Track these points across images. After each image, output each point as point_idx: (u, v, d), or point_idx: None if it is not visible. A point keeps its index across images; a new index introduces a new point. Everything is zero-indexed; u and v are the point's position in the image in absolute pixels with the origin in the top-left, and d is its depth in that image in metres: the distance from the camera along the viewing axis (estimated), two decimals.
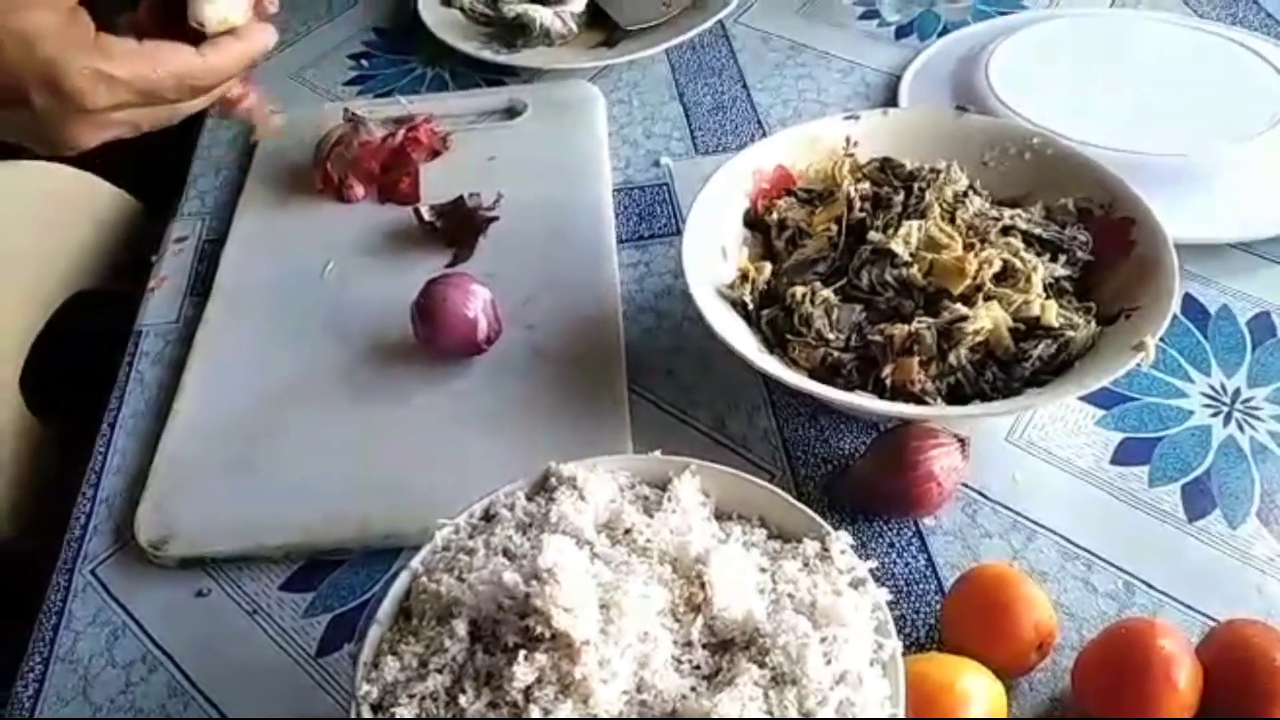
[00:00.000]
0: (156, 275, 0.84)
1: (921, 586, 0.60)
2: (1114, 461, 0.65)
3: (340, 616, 0.61)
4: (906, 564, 0.61)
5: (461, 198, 0.81)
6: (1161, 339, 0.62)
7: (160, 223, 0.90)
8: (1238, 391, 0.69)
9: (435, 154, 0.89)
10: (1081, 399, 0.68)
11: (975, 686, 0.51)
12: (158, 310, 0.81)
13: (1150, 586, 0.59)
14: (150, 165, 0.98)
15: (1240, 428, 0.67)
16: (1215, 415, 0.67)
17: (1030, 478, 0.65)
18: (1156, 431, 0.67)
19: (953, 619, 0.56)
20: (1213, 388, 0.69)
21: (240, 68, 0.59)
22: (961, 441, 0.61)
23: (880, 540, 0.62)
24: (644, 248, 0.82)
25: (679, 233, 0.79)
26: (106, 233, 0.93)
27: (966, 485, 0.64)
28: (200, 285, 0.82)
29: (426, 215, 0.82)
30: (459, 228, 0.81)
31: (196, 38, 0.57)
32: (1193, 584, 0.59)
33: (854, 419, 0.68)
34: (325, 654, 0.59)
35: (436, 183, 0.85)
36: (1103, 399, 0.68)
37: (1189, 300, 0.74)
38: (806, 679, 0.44)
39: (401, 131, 0.88)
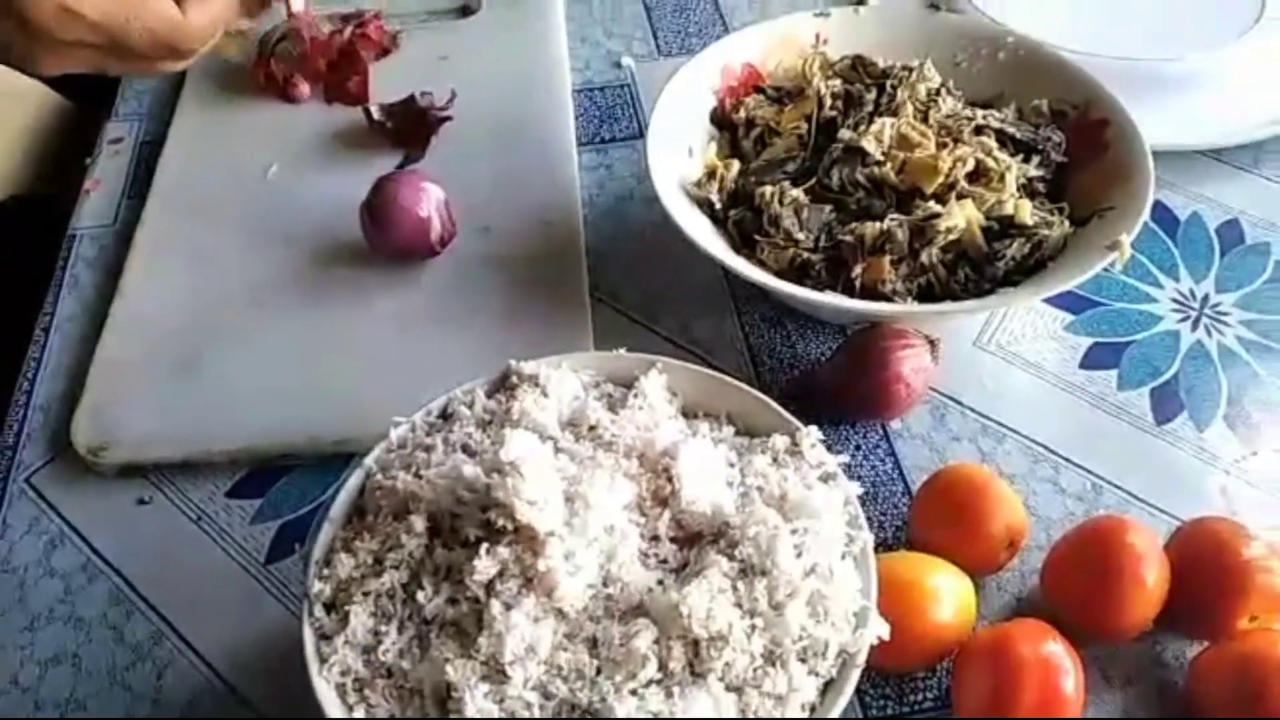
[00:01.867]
0: (91, 177, 0.80)
1: (889, 489, 0.59)
2: (1083, 366, 0.65)
3: (290, 524, 0.59)
4: (874, 467, 0.60)
5: (413, 96, 0.78)
6: (1131, 245, 0.60)
7: (93, 124, 0.85)
8: (1206, 297, 0.68)
9: (385, 52, 0.85)
10: (1051, 304, 0.67)
11: (944, 584, 0.51)
12: (93, 213, 0.77)
13: (1118, 488, 0.59)
14: None
15: (1209, 332, 0.66)
16: (1184, 320, 0.67)
17: (999, 382, 0.64)
18: (1126, 336, 0.66)
19: (922, 518, 0.55)
20: (1181, 293, 0.68)
21: (222, 28, 0.57)
22: (931, 343, 0.60)
23: (847, 444, 0.61)
24: (605, 151, 0.79)
25: (641, 136, 0.76)
26: (37, 134, 0.88)
27: (935, 390, 0.63)
28: (138, 187, 0.78)
29: (376, 114, 0.78)
30: (410, 128, 0.77)
31: None
32: (1160, 486, 0.59)
33: (821, 324, 0.67)
34: (274, 561, 0.57)
35: (387, 83, 0.81)
36: (1072, 304, 0.67)
37: (1159, 207, 0.73)
38: (777, 570, 0.42)
39: (350, 28, 0.84)
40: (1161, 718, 0.51)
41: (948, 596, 0.50)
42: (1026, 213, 0.62)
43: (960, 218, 0.61)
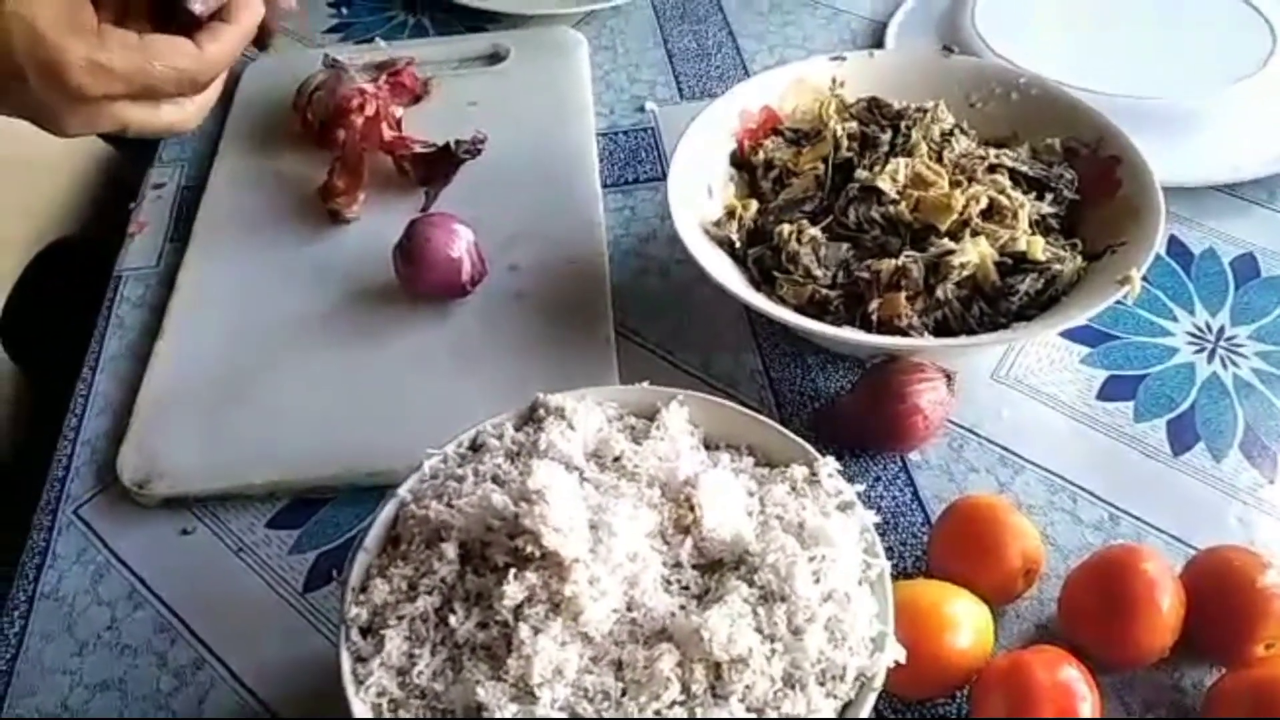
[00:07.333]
0: (136, 220, 0.83)
1: (908, 519, 0.60)
2: (1100, 397, 0.66)
3: (327, 553, 0.61)
4: (893, 497, 0.61)
5: (448, 146, 0.80)
6: (1146, 279, 0.62)
7: (137, 170, 0.89)
8: (1222, 329, 0.69)
9: (417, 99, 0.88)
10: (1067, 337, 0.68)
11: (963, 611, 0.52)
12: (137, 255, 0.80)
13: (1135, 518, 0.60)
14: None
15: (1224, 364, 0.67)
16: (1199, 353, 0.68)
17: (1017, 414, 0.65)
18: (1141, 369, 0.67)
19: (940, 547, 0.56)
20: (1197, 326, 0.69)
21: (238, 52, 0.59)
22: (948, 376, 0.61)
23: (867, 474, 0.62)
24: (629, 192, 0.82)
25: (664, 178, 0.78)
26: (83, 181, 0.91)
27: (953, 422, 0.64)
28: (180, 230, 0.81)
29: (407, 163, 0.81)
30: (437, 170, 0.80)
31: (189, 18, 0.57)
32: (1177, 515, 0.60)
33: (840, 358, 0.68)
34: (312, 590, 0.59)
35: (418, 128, 0.84)
36: (1088, 337, 0.69)
37: (1174, 241, 0.75)
38: (795, 595, 0.44)
39: (383, 77, 0.87)
40: None
41: (966, 623, 0.51)
42: (1039, 249, 0.64)
43: (974, 254, 0.63)
